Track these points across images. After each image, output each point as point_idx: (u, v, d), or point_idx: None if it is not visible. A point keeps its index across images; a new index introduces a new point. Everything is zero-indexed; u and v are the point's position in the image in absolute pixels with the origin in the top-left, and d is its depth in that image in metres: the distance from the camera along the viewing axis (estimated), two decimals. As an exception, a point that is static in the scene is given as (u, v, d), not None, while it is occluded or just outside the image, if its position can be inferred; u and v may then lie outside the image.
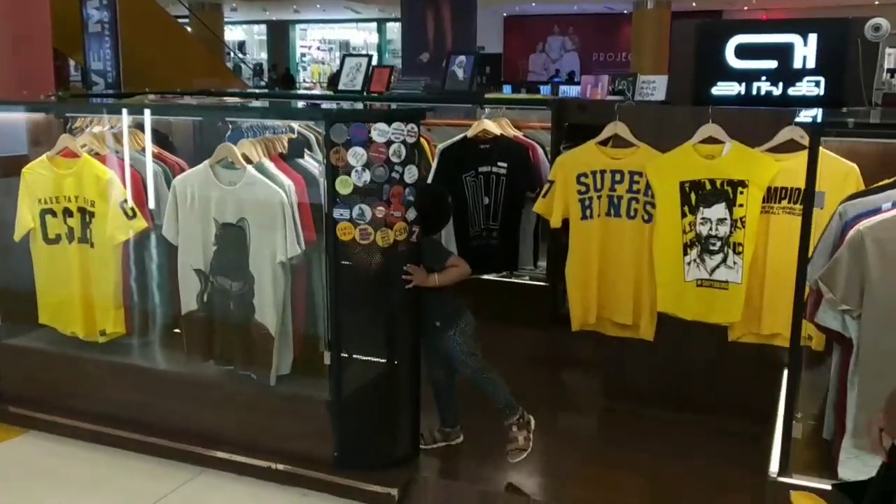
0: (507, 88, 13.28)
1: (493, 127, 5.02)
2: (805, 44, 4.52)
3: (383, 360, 3.30)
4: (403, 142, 3.06)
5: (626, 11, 23.11)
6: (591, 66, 26.16)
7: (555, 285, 5.23)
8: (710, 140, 3.64)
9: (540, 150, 5.13)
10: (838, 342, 2.66)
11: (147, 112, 3.43)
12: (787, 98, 4.61)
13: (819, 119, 3.41)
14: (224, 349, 3.40)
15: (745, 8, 23.94)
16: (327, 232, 3.09)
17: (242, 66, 24.17)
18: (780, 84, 4.59)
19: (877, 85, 4.45)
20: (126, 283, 3.70)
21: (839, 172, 3.37)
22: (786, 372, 3.51)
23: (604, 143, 3.87)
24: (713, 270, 3.64)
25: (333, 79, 25.63)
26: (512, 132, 5.16)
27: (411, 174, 3.11)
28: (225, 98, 5.20)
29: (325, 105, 3.38)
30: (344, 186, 3.04)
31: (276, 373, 3.36)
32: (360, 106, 5.07)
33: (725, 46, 4.65)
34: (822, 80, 4.52)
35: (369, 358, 3.29)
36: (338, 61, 27.98)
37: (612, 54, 26.14)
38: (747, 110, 3.76)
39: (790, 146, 3.54)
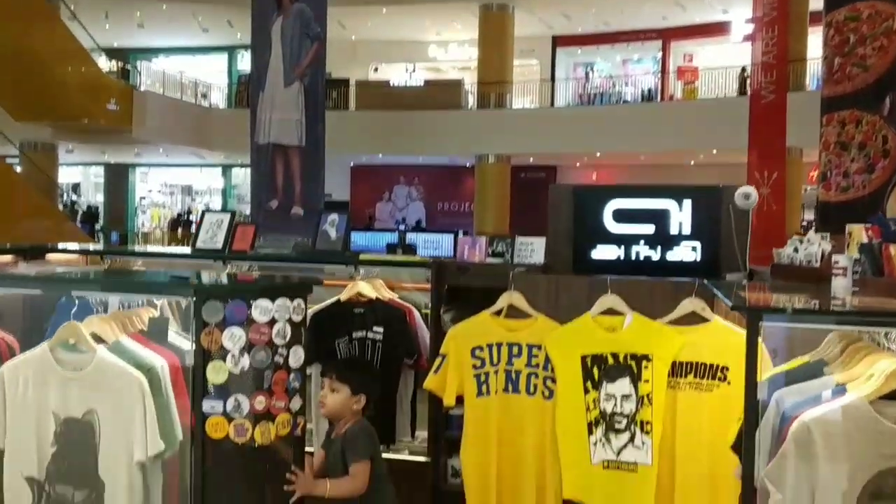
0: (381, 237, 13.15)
1: (367, 289, 4.69)
2: (680, 209, 4.55)
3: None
4: (289, 320, 2.68)
5: (468, 164, 23.99)
6: (437, 216, 26.76)
7: (437, 459, 4.83)
8: (610, 311, 3.47)
9: (417, 314, 4.83)
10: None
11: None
12: (665, 263, 4.59)
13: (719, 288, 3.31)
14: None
15: (577, 164, 25.47)
16: (194, 428, 2.60)
17: (77, 209, 23.06)
18: (659, 248, 4.58)
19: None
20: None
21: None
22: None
23: (498, 313, 3.62)
24: (620, 451, 3.38)
25: (174, 223, 24.66)
26: (387, 294, 4.85)
27: (297, 357, 2.72)
28: (63, 256, 4.63)
29: (193, 277, 2.94)
30: (217, 374, 2.60)
31: None
32: (222, 267, 4.65)
33: (603, 210, 4.63)
34: (698, 244, 4.53)
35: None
36: (180, 205, 27.32)
37: (456, 204, 26.89)
38: (645, 281, 3.63)
39: (691, 319, 3.42)
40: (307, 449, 3.07)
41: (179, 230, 22.49)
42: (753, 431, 2.27)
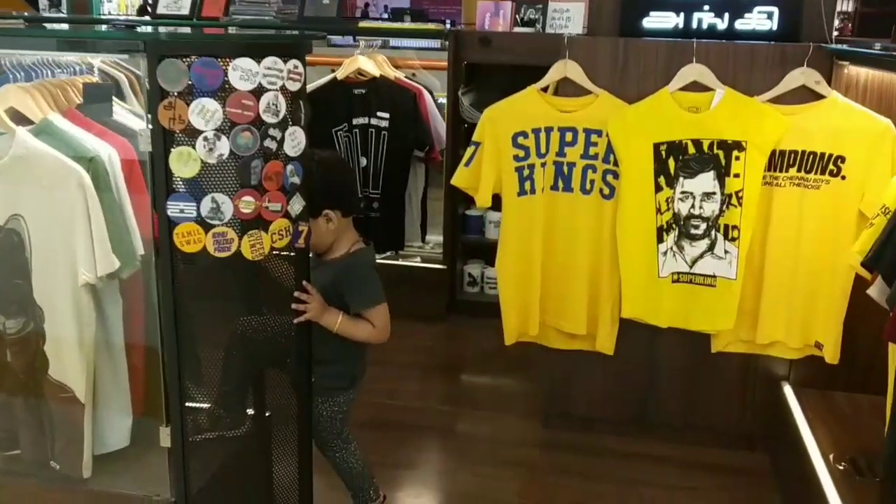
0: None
1: (370, 66, 3.88)
2: (756, -36, 3.65)
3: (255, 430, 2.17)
4: (282, 88, 1.91)
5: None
6: (421, 3, 25.04)
7: (453, 266, 4.22)
8: (695, 86, 2.71)
9: (428, 97, 4.06)
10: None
11: None
12: (733, 33, 3.79)
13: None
14: (1, 426, 2.14)
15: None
16: (159, 238, 1.89)
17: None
18: (726, 15, 3.73)
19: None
20: None
21: (872, 131, 2.53)
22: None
23: (545, 89, 2.85)
24: (695, 262, 2.74)
25: (142, 12, 23.15)
26: (392, 73, 4.05)
27: (296, 142, 1.97)
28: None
29: (142, 29, 2.13)
30: (184, 164, 1.85)
31: (92, 455, 2.13)
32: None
33: (660, -34, 3.72)
34: (775, 10, 3.68)
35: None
36: (146, -10, 25.40)
37: (442, -9, 25.12)
38: (741, 45, 2.84)
39: (800, 95, 2.67)
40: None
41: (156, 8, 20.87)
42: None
